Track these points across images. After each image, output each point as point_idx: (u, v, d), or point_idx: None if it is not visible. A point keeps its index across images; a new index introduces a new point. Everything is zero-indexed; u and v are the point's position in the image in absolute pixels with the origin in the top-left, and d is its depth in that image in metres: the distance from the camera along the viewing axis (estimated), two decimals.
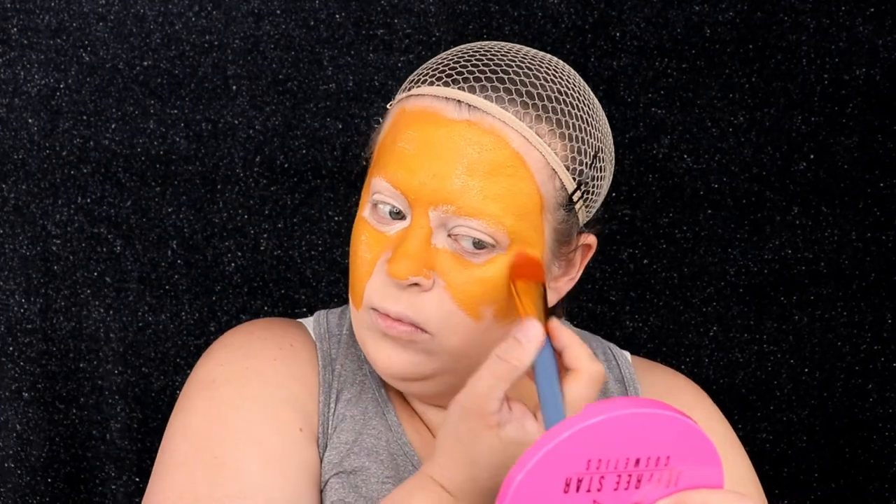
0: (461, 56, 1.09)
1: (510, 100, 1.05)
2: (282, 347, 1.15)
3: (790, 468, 1.73)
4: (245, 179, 1.66)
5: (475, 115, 1.04)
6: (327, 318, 1.20)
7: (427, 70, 1.10)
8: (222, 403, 1.10)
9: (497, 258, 1.05)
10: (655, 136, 1.69)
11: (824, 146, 1.70)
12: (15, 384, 1.65)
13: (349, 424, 1.13)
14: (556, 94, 1.07)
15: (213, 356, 1.15)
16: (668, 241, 1.70)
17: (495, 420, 0.94)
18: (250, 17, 1.64)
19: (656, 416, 0.86)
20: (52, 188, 1.64)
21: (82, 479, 1.67)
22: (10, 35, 1.62)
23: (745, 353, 1.72)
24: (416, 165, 1.04)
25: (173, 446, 1.10)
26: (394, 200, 1.06)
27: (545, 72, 1.08)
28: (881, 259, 1.71)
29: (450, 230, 1.04)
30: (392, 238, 1.06)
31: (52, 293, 1.65)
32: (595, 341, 1.26)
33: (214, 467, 1.07)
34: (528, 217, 1.05)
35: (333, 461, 1.11)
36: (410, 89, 1.09)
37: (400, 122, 1.08)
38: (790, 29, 1.68)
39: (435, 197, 1.03)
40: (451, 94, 1.05)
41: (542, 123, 1.05)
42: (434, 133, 1.05)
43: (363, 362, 1.16)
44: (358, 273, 1.08)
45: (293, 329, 1.18)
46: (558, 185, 1.07)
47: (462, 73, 1.06)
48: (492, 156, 1.04)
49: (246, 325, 1.18)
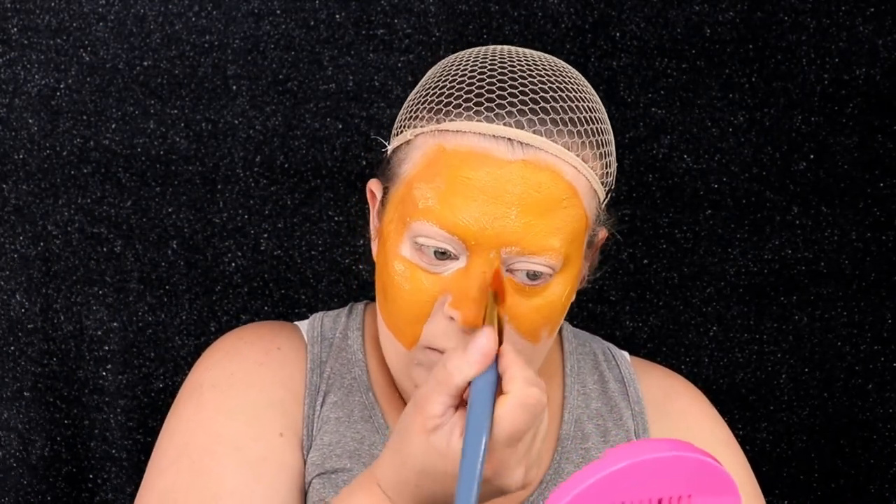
0: (490, 78, 1.05)
1: (558, 131, 1.03)
2: (268, 352, 1.16)
3: (790, 468, 1.73)
4: (245, 179, 1.66)
5: (528, 153, 1.03)
6: (322, 322, 1.21)
7: (457, 97, 1.05)
8: (207, 409, 1.12)
9: (552, 283, 1.05)
10: (655, 136, 1.69)
11: (824, 146, 1.70)
12: (15, 384, 1.66)
13: (333, 426, 1.14)
14: (588, 114, 1.06)
15: (204, 361, 1.17)
16: (668, 241, 1.70)
17: (432, 424, 0.93)
18: (250, 17, 1.64)
19: (677, 458, 0.87)
20: (52, 188, 1.64)
21: (83, 479, 1.67)
22: (10, 35, 1.62)
23: (745, 353, 1.72)
24: (473, 210, 1.02)
25: (162, 450, 1.14)
26: (446, 244, 1.03)
27: (571, 87, 1.07)
28: (881, 259, 1.71)
29: (509, 266, 1.04)
30: (448, 279, 1.04)
31: (52, 293, 1.65)
32: (595, 342, 1.27)
33: (194, 472, 1.09)
34: (577, 239, 1.06)
35: (316, 462, 1.12)
36: (442, 120, 1.05)
37: (441, 162, 1.04)
38: (790, 29, 1.68)
39: (497, 241, 1.02)
40: (500, 132, 1.02)
41: (586, 150, 1.05)
42: (489, 175, 1.02)
43: (352, 365, 1.17)
44: (408, 315, 1.06)
45: (284, 332, 1.19)
46: (598, 202, 1.09)
47: (504, 107, 1.03)
48: (549, 193, 1.03)
49: (238, 329, 1.20)
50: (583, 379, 1.22)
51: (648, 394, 1.23)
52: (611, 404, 1.21)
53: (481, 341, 0.93)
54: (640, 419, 1.21)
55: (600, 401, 1.21)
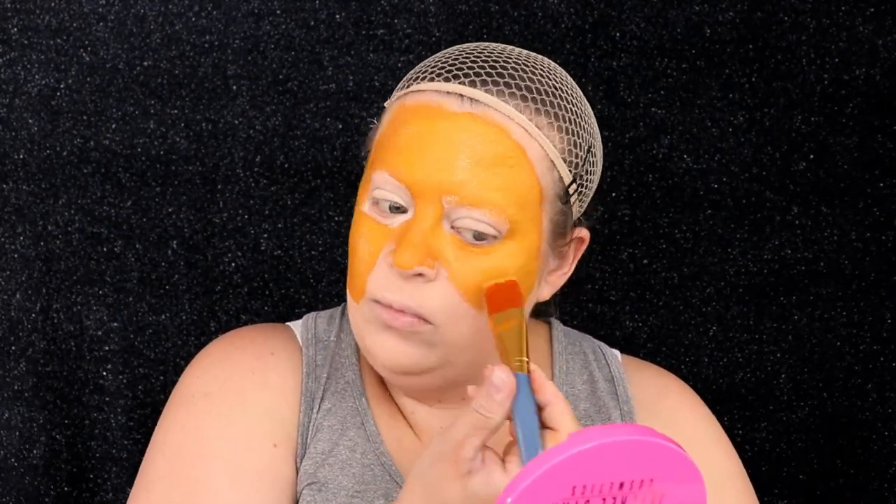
0: (459, 54, 1.11)
1: (510, 93, 1.07)
2: (260, 357, 1.15)
3: (790, 468, 1.73)
4: (245, 179, 1.66)
5: (477, 108, 1.06)
6: (316, 323, 1.20)
7: (426, 67, 1.11)
8: (198, 418, 1.12)
9: (498, 246, 1.06)
10: (655, 136, 1.69)
11: (824, 146, 1.70)
12: (15, 384, 1.65)
13: (326, 434, 1.13)
14: (552, 90, 1.09)
15: (194, 368, 1.16)
16: (668, 241, 1.70)
17: (466, 468, 0.94)
18: (250, 17, 1.64)
19: (638, 443, 0.88)
20: (52, 188, 1.64)
21: (83, 479, 1.67)
22: (10, 35, 1.62)
23: (745, 353, 1.72)
24: (419, 157, 1.06)
25: (152, 461, 1.13)
26: (396, 194, 1.07)
27: (540, 69, 1.11)
28: (881, 259, 1.71)
29: (453, 222, 1.06)
30: (395, 230, 1.07)
31: (52, 293, 1.65)
32: (586, 340, 1.27)
33: (188, 484, 1.09)
34: (528, 207, 1.07)
35: (308, 471, 1.12)
36: (409, 86, 1.11)
37: (400, 117, 1.09)
38: (790, 29, 1.68)
39: (439, 188, 1.05)
40: (453, 89, 1.07)
41: (541, 116, 1.08)
42: (437, 126, 1.06)
43: (346, 369, 1.16)
44: (358, 266, 1.09)
45: (277, 336, 1.18)
46: (556, 176, 1.09)
47: (462, 69, 1.08)
48: (494, 147, 1.05)
49: (229, 334, 1.19)
50: (571, 380, 1.21)
51: (640, 393, 1.23)
52: (599, 405, 1.21)
53: (496, 379, 0.94)
54: (629, 419, 1.20)
55: (588, 402, 1.21)
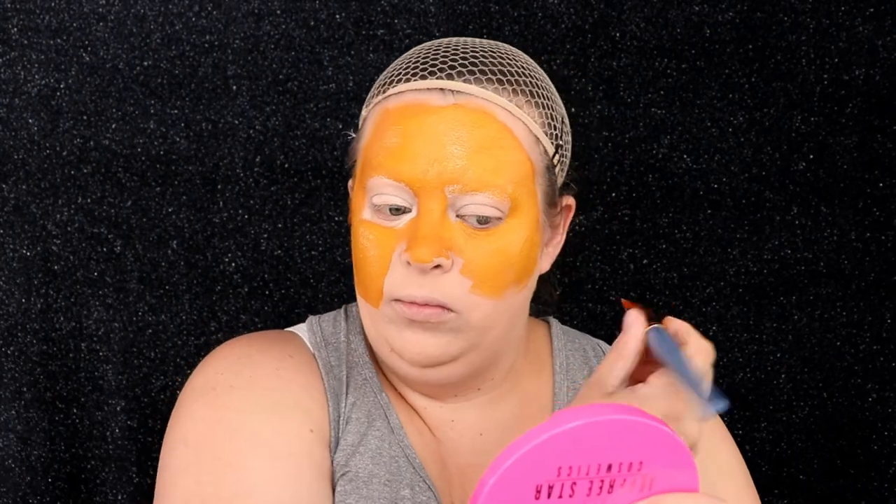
0: (427, 53, 1.14)
1: (487, 80, 1.10)
2: (282, 360, 1.14)
3: (790, 468, 1.73)
4: (245, 179, 1.66)
5: (460, 98, 1.09)
6: (321, 327, 1.20)
7: (396, 70, 1.14)
8: (225, 408, 1.09)
9: (502, 226, 1.09)
10: (655, 136, 1.69)
11: (824, 146, 1.70)
12: (15, 384, 1.65)
13: (355, 426, 1.13)
14: (521, 70, 1.13)
15: (212, 365, 1.14)
16: (668, 241, 1.70)
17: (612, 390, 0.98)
18: (250, 17, 1.64)
19: (627, 423, 0.86)
20: (52, 188, 1.64)
21: (82, 479, 1.67)
22: (10, 35, 1.62)
23: (745, 353, 1.72)
24: (413, 155, 1.08)
25: (175, 454, 1.09)
26: (396, 195, 1.09)
27: (504, 54, 1.14)
28: (881, 259, 1.71)
29: (458, 210, 1.08)
30: (401, 230, 1.09)
31: (52, 293, 1.65)
32: (584, 339, 1.27)
33: (220, 468, 1.06)
34: (523, 183, 1.10)
35: (341, 462, 1.11)
36: (385, 91, 1.13)
37: (385, 121, 1.11)
38: (790, 29, 1.68)
39: (440, 180, 1.07)
40: (433, 85, 1.10)
41: (518, 96, 1.11)
42: (425, 122, 1.09)
43: (361, 367, 1.17)
44: (371, 272, 1.10)
45: (289, 340, 1.18)
46: (542, 150, 1.12)
47: (436, 65, 1.11)
48: (484, 132, 1.08)
49: (242, 337, 1.18)
50: (572, 375, 1.22)
51: None
52: None
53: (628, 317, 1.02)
54: None
55: None
